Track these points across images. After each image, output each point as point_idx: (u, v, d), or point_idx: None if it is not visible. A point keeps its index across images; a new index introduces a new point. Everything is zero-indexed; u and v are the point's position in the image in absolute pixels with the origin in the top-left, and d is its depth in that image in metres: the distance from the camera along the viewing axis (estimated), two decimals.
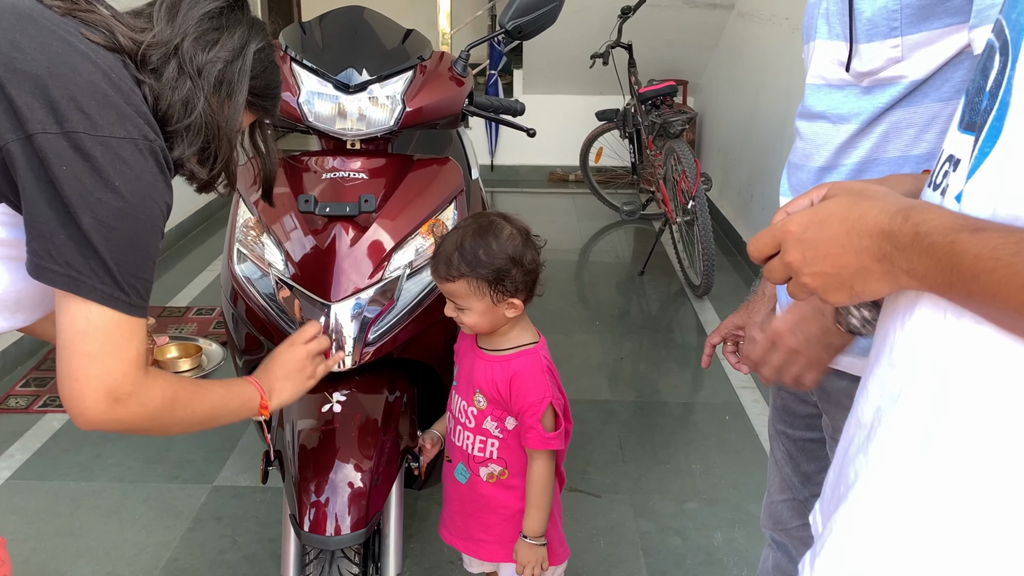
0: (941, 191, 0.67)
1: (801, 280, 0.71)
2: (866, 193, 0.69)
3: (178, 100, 1.05)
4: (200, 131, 1.08)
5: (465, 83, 1.85)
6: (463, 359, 1.58)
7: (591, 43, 4.77)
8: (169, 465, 2.56)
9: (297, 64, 1.72)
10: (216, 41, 1.10)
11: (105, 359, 0.98)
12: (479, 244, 1.42)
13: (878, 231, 0.65)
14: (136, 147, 0.97)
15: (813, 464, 1.31)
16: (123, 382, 1.00)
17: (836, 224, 0.68)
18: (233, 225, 1.73)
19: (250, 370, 1.74)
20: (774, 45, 4.18)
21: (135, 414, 1.03)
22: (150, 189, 0.99)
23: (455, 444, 1.58)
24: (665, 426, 2.88)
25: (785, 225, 0.73)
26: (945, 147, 0.70)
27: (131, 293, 0.99)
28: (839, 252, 0.68)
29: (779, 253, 0.73)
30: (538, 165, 6.05)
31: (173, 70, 1.05)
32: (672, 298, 4.07)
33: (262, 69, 1.17)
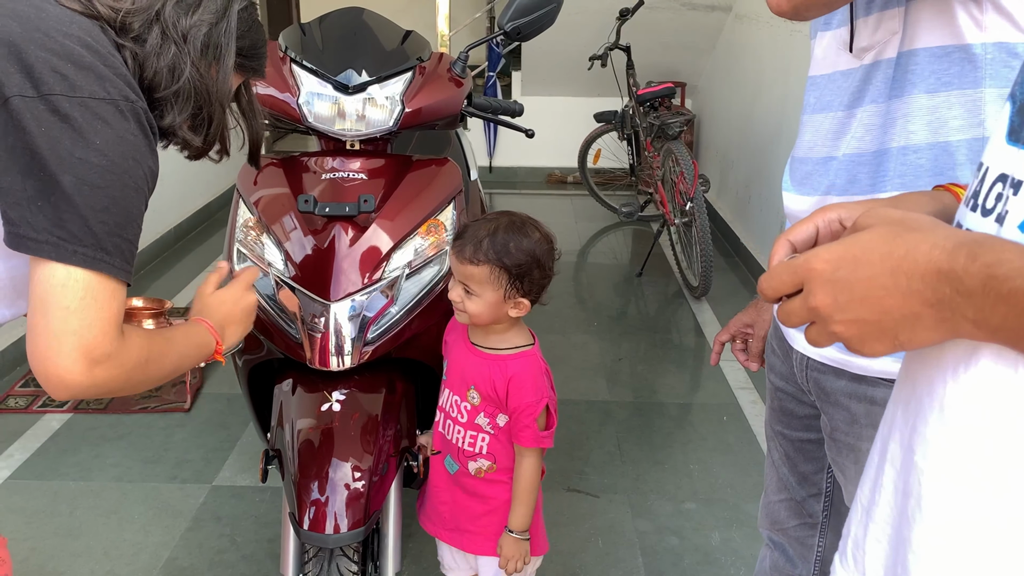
0: (996, 218, 0.57)
1: (831, 328, 0.60)
2: (908, 223, 0.58)
3: (164, 66, 1.03)
4: (190, 97, 1.06)
5: (464, 84, 1.86)
6: (454, 353, 1.59)
7: (589, 45, 4.79)
8: (168, 465, 2.57)
9: (297, 65, 1.73)
10: (198, 4, 1.07)
11: (84, 312, 0.93)
12: (511, 237, 1.44)
13: (933, 271, 0.54)
14: (116, 108, 0.95)
15: (810, 464, 1.32)
16: (102, 341, 0.95)
17: (876, 262, 0.57)
18: (233, 225, 1.74)
19: (249, 371, 1.75)
20: (771, 47, 4.20)
21: (112, 376, 0.97)
22: (132, 150, 0.96)
23: (444, 437, 1.59)
24: (663, 427, 2.89)
25: (810, 262, 0.61)
26: (988, 163, 0.60)
27: (115, 253, 0.95)
28: (881, 295, 0.57)
29: (799, 293, 0.62)
30: (536, 167, 6.06)
31: (156, 36, 1.03)
32: (670, 299, 4.08)
33: (246, 28, 1.15)
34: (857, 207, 0.73)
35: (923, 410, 0.61)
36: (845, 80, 1.08)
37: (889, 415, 0.68)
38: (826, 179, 1.09)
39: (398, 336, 1.62)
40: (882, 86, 1.04)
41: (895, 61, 1.02)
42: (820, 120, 1.12)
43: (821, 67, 1.14)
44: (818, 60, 1.14)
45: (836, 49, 1.10)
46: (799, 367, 1.20)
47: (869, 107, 1.05)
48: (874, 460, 0.70)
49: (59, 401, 2.88)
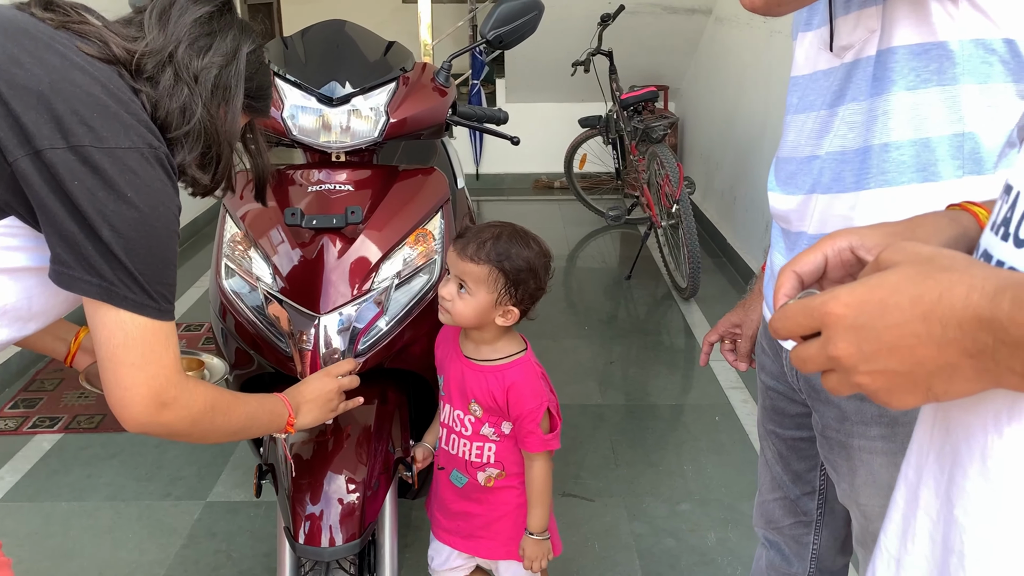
0: None
1: (855, 379, 0.54)
2: (939, 261, 0.52)
3: (176, 107, 1.06)
4: (200, 137, 1.09)
5: (448, 93, 1.86)
6: (448, 369, 1.59)
7: (572, 51, 4.80)
8: (161, 482, 2.55)
9: (280, 78, 1.73)
10: (209, 46, 1.11)
11: (148, 367, 1.02)
12: (514, 244, 1.47)
13: (972, 318, 0.49)
14: (142, 155, 0.98)
15: (803, 463, 1.33)
16: (167, 386, 1.04)
17: (906, 306, 0.51)
18: (220, 240, 1.73)
19: (240, 386, 1.75)
20: (752, 48, 4.22)
21: (179, 417, 1.07)
22: (161, 195, 1.01)
23: (449, 453, 1.59)
24: (656, 428, 2.89)
25: (828, 305, 0.54)
26: (1019, 187, 0.54)
27: (159, 299, 1.02)
28: (913, 344, 0.51)
29: (815, 336, 0.57)
30: (523, 173, 6.08)
31: (169, 78, 1.06)
32: (659, 301, 4.09)
33: (254, 71, 1.19)
34: (869, 233, 0.68)
35: (961, 460, 0.56)
36: (827, 79, 1.10)
37: (915, 458, 0.64)
38: (810, 177, 1.10)
39: (389, 347, 1.62)
40: (863, 84, 1.05)
41: (875, 59, 1.03)
42: (803, 120, 1.13)
43: (803, 67, 1.15)
44: (799, 61, 1.16)
45: (817, 49, 1.11)
46: (789, 366, 1.21)
47: (851, 105, 1.06)
48: (899, 504, 0.65)
49: (50, 421, 2.87)
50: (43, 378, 3.18)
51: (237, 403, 1.21)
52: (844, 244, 0.67)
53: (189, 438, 1.13)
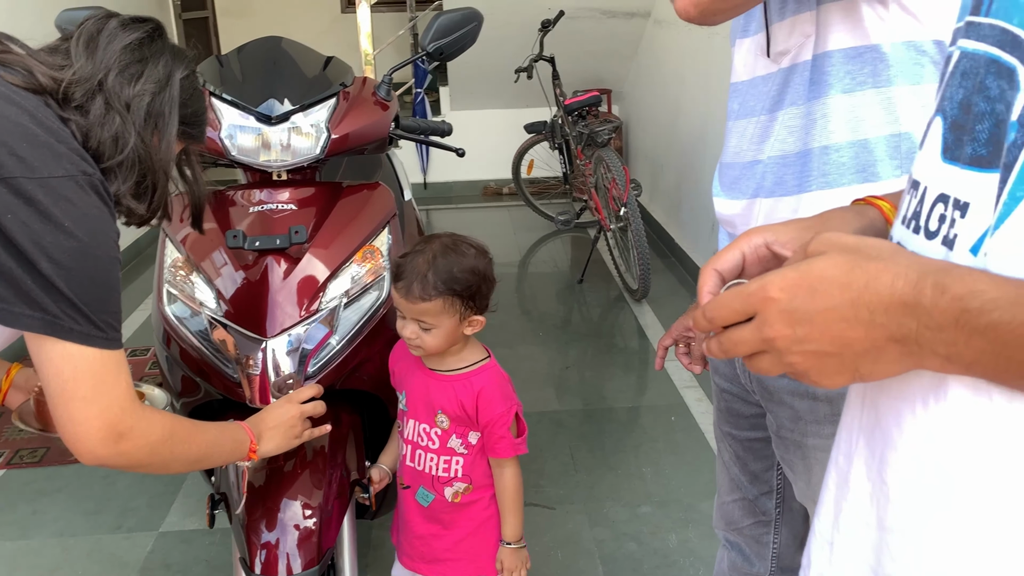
0: (944, 241, 0.54)
1: (788, 359, 0.57)
2: (865, 250, 0.55)
3: (108, 136, 1.04)
4: (134, 165, 1.07)
5: (390, 107, 1.84)
6: (411, 384, 1.57)
7: (515, 57, 4.81)
8: (111, 515, 2.48)
9: (216, 98, 1.69)
10: (140, 73, 1.09)
11: (100, 399, 1.00)
12: (451, 262, 1.43)
13: (898, 304, 0.51)
14: (76, 183, 0.96)
15: (760, 463, 1.34)
16: (122, 417, 1.02)
17: (835, 292, 0.54)
18: (161, 265, 1.69)
19: (187, 413, 1.70)
20: (691, 50, 4.27)
21: (137, 447, 1.05)
22: (99, 223, 0.99)
23: (415, 470, 1.57)
24: (614, 432, 2.90)
25: (765, 291, 0.57)
26: (924, 181, 0.58)
27: (106, 328, 0.99)
28: (843, 328, 0.54)
29: (748, 321, 0.59)
30: (472, 180, 6.06)
31: (100, 106, 1.04)
32: (612, 304, 4.11)
33: (188, 97, 1.17)
34: (783, 229, 0.71)
35: (892, 441, 0.59)
36: (765, 84, 1.11)
37: (845, 444, 0.66)
38: (753, 182, 1.11)
39: (340, 368, 1.59)
40: (801, 88, 1.06)
41: (811, 63, 1.05)
42: (744, 125, 1.14)
43: (742, 74, 1.16)
44: (738, 67, 1.17)
45: (755, 55, 1.12)
46: (742, 368, 1.22)
47: (790, 109, 1.08)
48: (831, 489, 0.67)
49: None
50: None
51: (197, 431, 1.19)
52: (760, 240, 0.71)
53: (149, 468, 1.11)
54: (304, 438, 1.44)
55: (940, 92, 0.59)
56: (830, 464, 0.68)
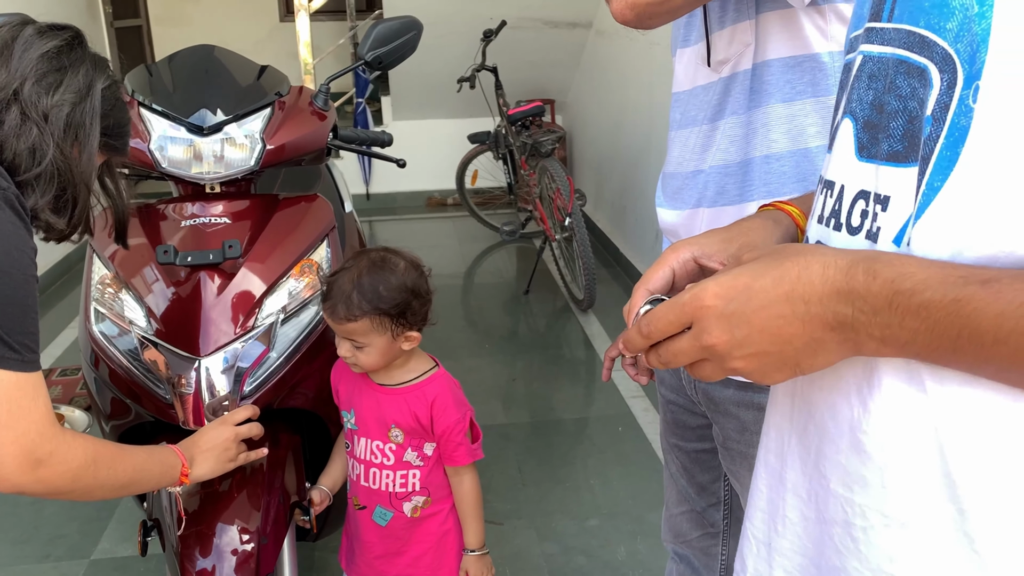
0: (868, 235, 0.56)
1: (730, 364, 0.58)
2: (791, 248, 0.57)
3: (24, 148, 0.99)
4: (53, 179, 1.02)
5: (327, 117, 1.80)
6: (360, 402, 1.53)
7: (457, 67, 4.79)
8: (39, 543, 2.37)
9: (145, 108, 1.63)
10: (59, 83, 1.04)
11: (16, 424, 0.95)
12: (378, 280, 1.40)
13: (831, 292, 0.53)
14: None
15: (707, 474, 1.33)
16: (40, 442, 0.97)
17: (769, 288, 0.55)
18: (88, 283, 1.62)
19: (118, 436, 1.63)
20: (633, 60, 4.31)
21: (57, 474, 1.00)
22: (13, 239, 0.94)
23: (370, 488, 1.53)
24: (561, 444, 2.88)
25: (699, 299, 0.58)
26: (840, 180, 0.60)
27: (22, 350, 0.95)
28: (780, 324, 0.55)
29: (686, 332, 0.60)
30: (415, 191, 6.01)
31: (15, 117, 0.99)
32: (558, 314, 4.10)
33: (110, 107, 1.12)
34: (707, 241, 0.72)
35: (831, 436, 0.59)
36: (706, 94, 1.10)
37: (775, 442, 0.66)
38: (696, 192, 1.11)
39: (279, 386, 1.54)
40: (741, 98, 1.06)
41: (751, 72, 1.05)
42: (686, 135, 1.13)
43: (683, 83, 1.16)
44: (680, 77, 1.16)
45: (695, 64, 1.12)
46: (687, 379, 1.21)
47: (731, 119, 1.07)
48: (762, 491, 0.67)
49: None
50: None
51: (122, 455, 1.14)
52: (687, 255, 0.72)
53: (72, 495, 1.05)
54: (239, 461, 1.39)
55: (846, 96, 0.61)
56: (758, 465, 0.68)
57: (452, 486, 1.56)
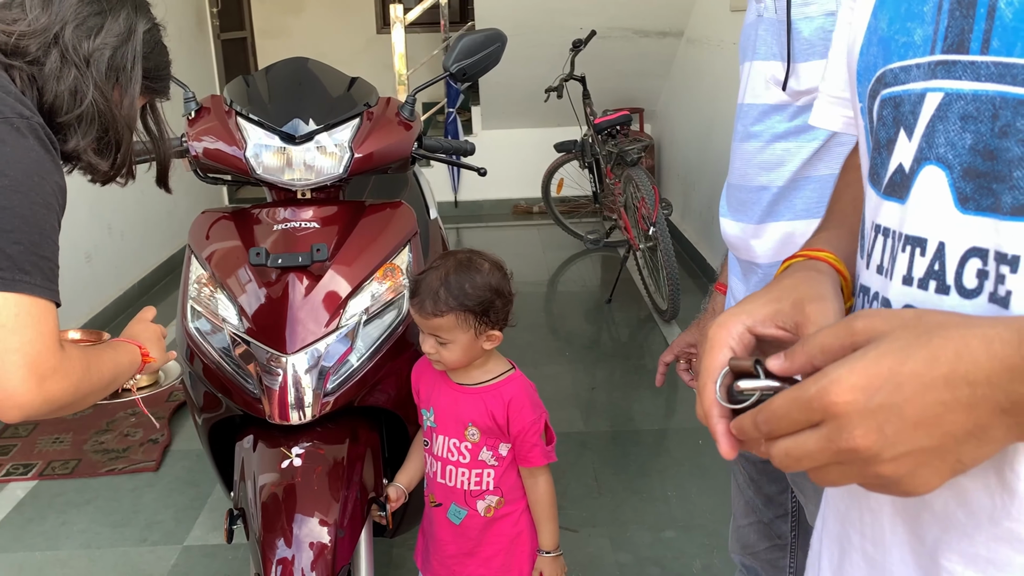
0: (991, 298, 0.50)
1: (877, 469, 0.48)
2: (931, 320, 0.48)
3: (65, 90, 1.02)
4: (94, 120, 1.05)
5: (413, 127, 1.86)
6: (438, 400, 1.58)
7: (545, 77, 4.83)
8: (137, 528, 2.51)
9: (242, 117, 1.72)
10: (100, 26, 1.06)
11: (21, 340, 0.93)
12: (464, 278, 1.46)
13: (1003, 370, 0.44)
14: (11, 125, 0.94)
15: (774, 486, 1.32)
16: (47, 356, 0.96)
17: (923, 372, 0.46)
18: (186, 281, 1.71)
19: (209, 430, 1.72)
20: (724, 69, 4.26)
21: (62, 387, 0.99)
22: (35, 166, 0.95)
23: (446, 486, 1.58)
24: (639, 454, 2.87)
25: (832, 393, 0.48)
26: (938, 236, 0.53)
27: (34, 272, 0.94)
28: (940, 413, 0.46)
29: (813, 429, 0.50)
30: (501, 199, 6.08)
31: (56, 60, 1.02)
32: (641, 324, 4.08)
33: (150, 50, 1.14)
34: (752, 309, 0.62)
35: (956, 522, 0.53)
36: (777, 114, 1.10)
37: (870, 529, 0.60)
38: (759, 208, 1.10)
39: (360, 384, 1.60)
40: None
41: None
42: (751, 149, 1.13)
43: (751, 97, 1.15)
44: (748, 89, 1.16)
45: (766, 82, 1.11)
46: None
47: (802, 140, 1.06)
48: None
49: (24, 468, 2.81)
50: (17, 424, 3.13)
51: (100, 355, 1.13)
52: (739, 328, 0.61)
53: (70, 408, 1.05)
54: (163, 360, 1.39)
55: (923, 141, 0.54)
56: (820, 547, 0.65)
57: (527, 487, 1.59)
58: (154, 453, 2.88)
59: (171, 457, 2.90)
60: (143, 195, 4.67)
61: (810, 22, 1.02)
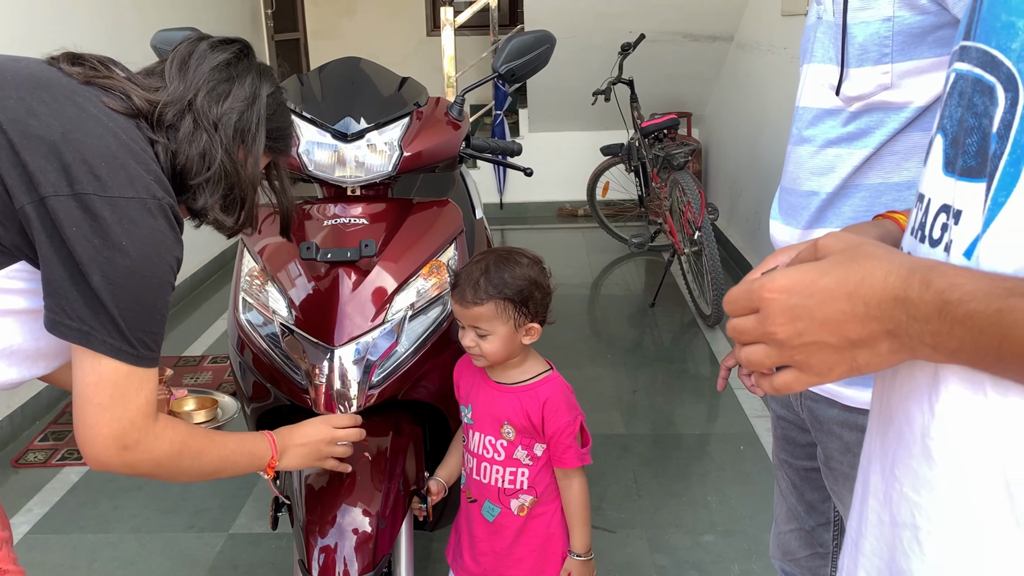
0: (944, 247, 0.59)
1: (790, 353, 0.60)
2: (864, 249, 0.59)
3: (196, 153, 1.08)
4: (220, 180, 1.11)
5: (461, 127, 1.88)
6: (477, 397, 1.60)
7: (593, 80, 4.83)
8: (186, 514, 2.57)
9: (296, 115, 1.76)
10: (228, 92, 1.13)
11: (114, 408, 1.03)
12: (504, 269, 1.49)
13: (889, 297, 0.55)
14: (145, 206, 1.00)
15: (817, 493, 1.31)
16: (130, 430, 1.05)
17: (833, 285, 0.58)
18: (238, 274, 1.76)
19: (258, 418, 1.76)
20: (774, 74, 4.22)
21: (141, 460, 1.08)
22: (158, 247, 1.02)
23: (481, 482, 1.60)
24: (680, 458, 2.86)
25: (764, 288, 0.61)
26: (928, 194, 0.62)
27: (139, 346, 1.03)
28: (840, 320, 0.57)
29: (753, 314, 0.63)
30: (547, 201, 6.10)
31: (189, 125, 1.09)
32: (684, 328, 4.06)
33: (273, 112, 1.21)
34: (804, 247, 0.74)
35: (904, 440, 0.61)
36: (831, 118, 1.09)
37: (867, 447, 0.69)
38: (807, 213, 1.10)
39: (404, 378, 1.63)
40: (869, 131, 1.04)
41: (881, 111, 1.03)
42: (804, 153, 1.13)
43: (806, 100, 1.15)
44: (804, 92, 1.15)
45: (820, 86, 1.11)
46: (795, 395, 1.20)
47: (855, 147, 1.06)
48: (858, 493, 0.70)
49: (78, 454, 2.90)
50: (72, 411, 3.23)
51: (211, 446, 1.21)
52: (784, 260, 0.76)
53: (156, 477, 1.14)
54: (327, 465, 1.45)
55: (940, 112, 0.63)
56: (859, 470, 0.71)
57: (560, 489, 1.59)
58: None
59: None
60: None
61: (866, 27, 1.01)
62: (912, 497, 0.60)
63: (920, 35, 0.97)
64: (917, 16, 0.96)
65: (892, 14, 0.98)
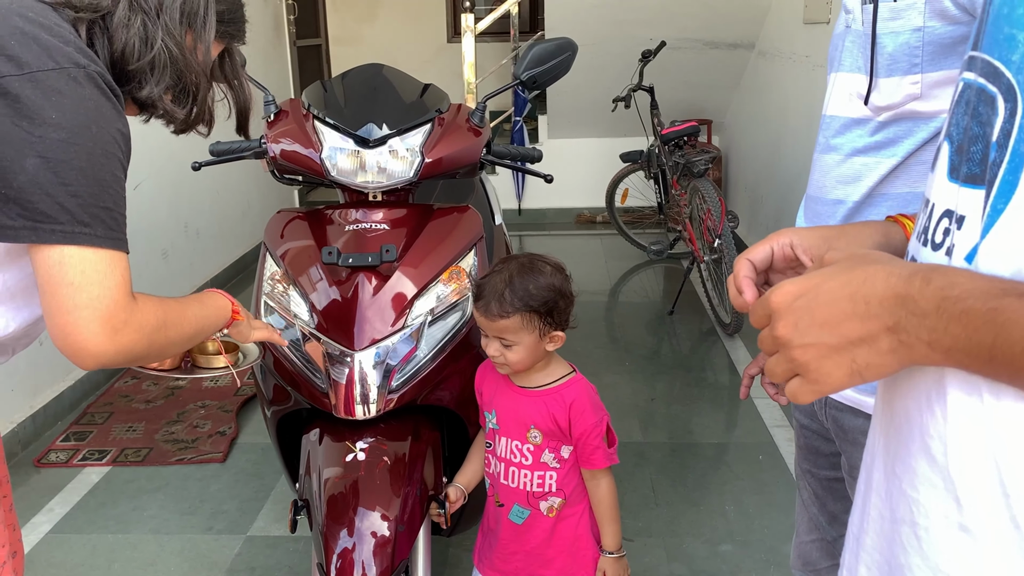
0: (946, 251, 0.60)
1: (791, 354, 0.61)
2: (869, 257, 0.61)
3: (134, 36, 1.02)
4: (166, 67, 1.05)
5: (482, 133, 1.89)
6: (501, 403, 1.60)
7: (613, 87, 4.83)
8: (204, 516, 2.59)
9: (319, 121, 1.77)
10: None
11: (90, 287, 0.94)
12: (528, 280, 1.48)
13: (891, 296, 0.57)
14: (69, 76, 0.94)
15: (839, 504, 1.30)
16: (115, 309, 0.97)
17: (836, 288, 0.60)
18: (260, 278, 1.78)
19: (278, 422, 1.77)
20: (795, 83, 4.21)
21: (134, 340, 1.00)
22: (94, 115, 0.95)
23: (508, 487, 1.60)
24: (698, 467, 2.85)
25: (773, 294, 0.63)
26: (934, 199, 0.63)
27: (94, 224, 0.94)
28: (841, 319, 0.59)
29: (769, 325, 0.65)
30: (565, 207, 6.09)
31: (124, 8, 1.02)
32: (703, 337, 4.05)
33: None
34: (807, 234, 0.82)
35: (904, 439, 0.63)
36: (859, 127, 1.09)
37: (871, 444, 0.71)
38: (833, 222, 1.10)
39: (423, 383, 1.63)
40: (897, 141, 1.04)
41: (910, 121, 1.02)
42: (831, 162, 1.12)
43: (833, 108, 1.14)
44: (831, 100, 1.15)
45: (849, 95, 1.10)
46: (819, 404, 1.19)
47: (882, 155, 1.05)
48: (861, 489, 0.72)
49: (99, 454, 2.93)
50: (94, 411, 3.26)
51: (185, 309, 1.14)
52: (787, 240, 0.82)
53: (147, 359, 1.07)
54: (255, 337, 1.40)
55: (948, 119, 0.65)
56: (862, 467, 0.72)
57: (589, 490, 1.60)
58: (221, 445, 2.97)
59: (237, 450, 2.99)
60: (219, 196, 4.83)
61: (895, 37, 1.01)
62: (911, 494, 0.62)
63: (951, 45, 0.96)
64: (948, 27, 0.95)
65: (923, 24, 0.97)
